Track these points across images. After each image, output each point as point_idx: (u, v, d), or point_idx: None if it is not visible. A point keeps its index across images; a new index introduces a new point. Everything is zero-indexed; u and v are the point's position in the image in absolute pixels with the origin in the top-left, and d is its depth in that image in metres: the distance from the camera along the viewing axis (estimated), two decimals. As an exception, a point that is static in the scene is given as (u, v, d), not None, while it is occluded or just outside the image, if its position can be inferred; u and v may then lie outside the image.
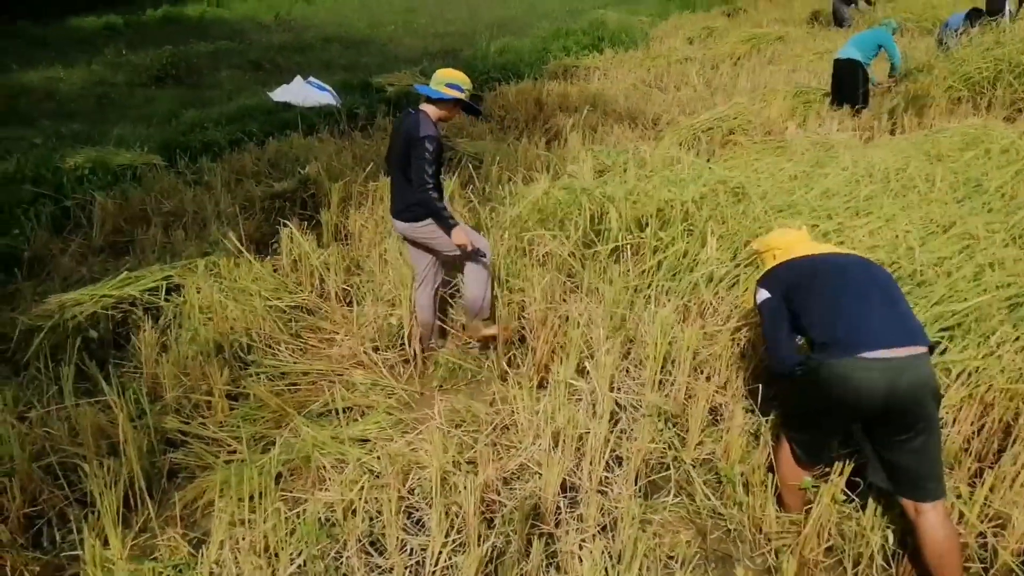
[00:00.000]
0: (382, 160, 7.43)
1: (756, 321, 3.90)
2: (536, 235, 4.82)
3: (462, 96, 4.12)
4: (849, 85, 8.45)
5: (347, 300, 5.02)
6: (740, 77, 10.59)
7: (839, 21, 14.38)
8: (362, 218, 5.89)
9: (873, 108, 8.47)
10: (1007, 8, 11.44)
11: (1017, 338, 3.41)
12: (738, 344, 3.83)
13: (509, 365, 4.24)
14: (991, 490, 2.98)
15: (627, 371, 3.90)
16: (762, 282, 3.11)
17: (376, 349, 4.44)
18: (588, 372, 3.70)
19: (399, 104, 9.68)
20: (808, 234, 3.40)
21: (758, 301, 3.05)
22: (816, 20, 15.05)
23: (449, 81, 4.08)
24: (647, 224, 4.62)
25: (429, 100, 4.14)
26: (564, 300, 4.44)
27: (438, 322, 4.50)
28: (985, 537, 2.92)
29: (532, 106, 9.54)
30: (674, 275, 4.37)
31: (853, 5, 14.41)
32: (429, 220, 4.12)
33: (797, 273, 3.01)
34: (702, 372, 3.85)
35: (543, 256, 4.74)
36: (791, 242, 3.27)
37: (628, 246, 4.58)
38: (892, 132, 7.85)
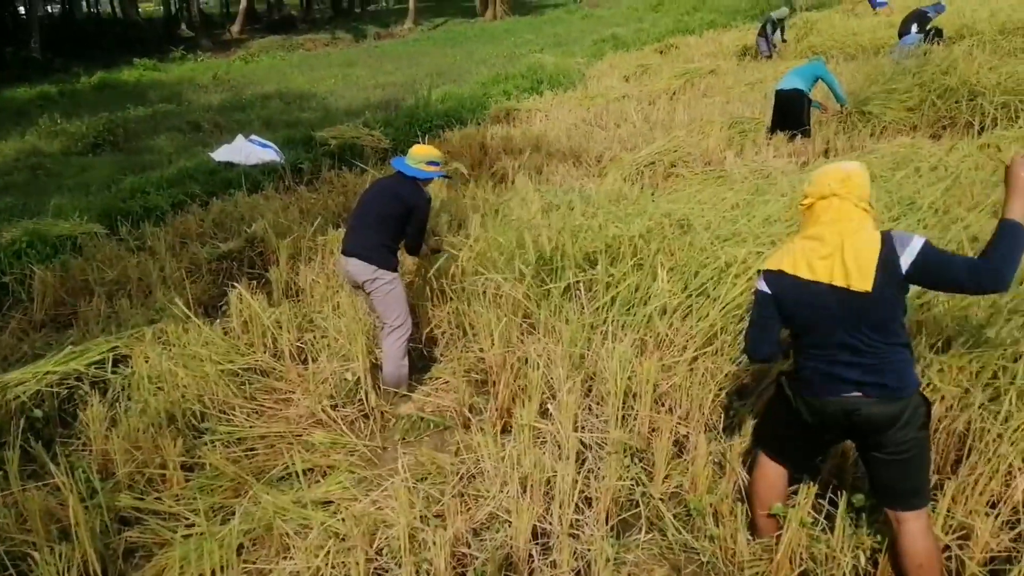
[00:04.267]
0: (330, 213, 7.45)
1: (711, 350, 3.96)
2: (488, 278, 4.81)
3: (439, 171, 4.60)
4: (793, 114, 8.70)
5: (302, 358, 4.94)
6: (677, 111, 10.85)
7: (763, 53, 14.93)
8: (312, 273, 5.82)
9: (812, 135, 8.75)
10: (913, 31, 12.04)
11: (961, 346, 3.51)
12: (696, 373, 3.85)
13: (471, 411, 4.20)
14: (952, 500, 3.03)
15: (590, 409, 3.89)
16: (766, 273, 2.88)
17: (335, 406, 4.36)
18: (551, 413, 3.68)
19: (343, 157, 9.69)
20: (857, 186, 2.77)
21: (756, 286, 2.93)
22: (745, 54, 15.59)
23: (429, 159, 4.53)
24: (597, 261, 4.66)
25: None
26: (522, 341, 4.43)
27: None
28: (950, 549, 2.95)
29: (477, 150, 9.62)
30: (628, 310, 4.39)
31: (772, 38, 14.98)
32: (387, 272, 4.36)
33: (794, 298, 2.80)
34: (663, 404, 3.87)
35: (497, 298, 4.73)
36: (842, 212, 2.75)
37: (581, 283, 4.61)
38: (825, 155, 8.11)
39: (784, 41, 15.20)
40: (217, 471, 3.76)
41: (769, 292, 2.84)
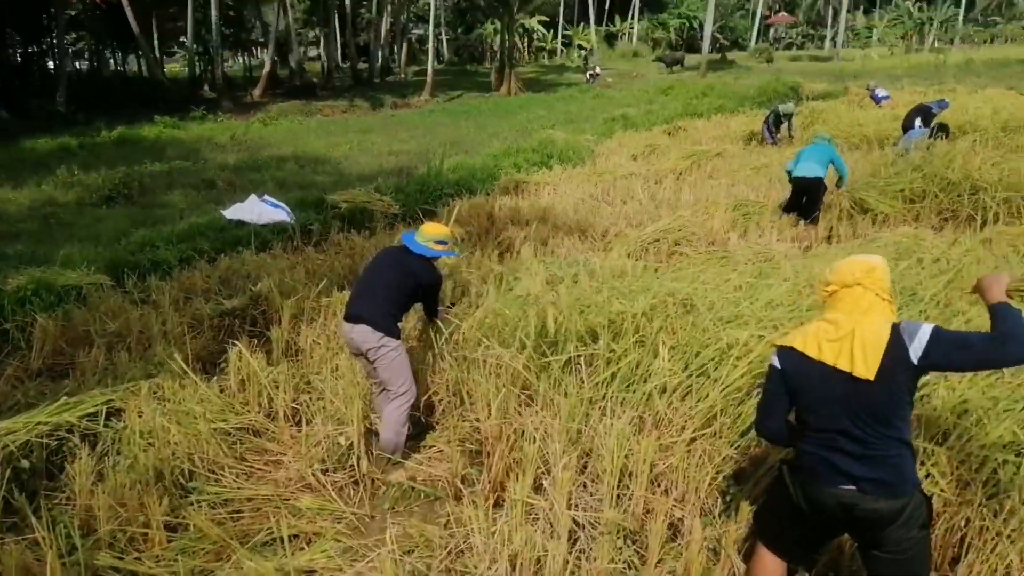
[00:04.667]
0: (336, 275, 7.50)
1: (710, 432, 3.91)
2: (488, 348, 4.80)
3: (447, 250, 4.68)
4: (812, 200, 8.85)
5: (296, 419, 4.89)
6: (683, 191, 11.03)
7: (767, 141, 15.25)
8: (314, 333, 5.82)
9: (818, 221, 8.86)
10: (917, 125, 12.32)
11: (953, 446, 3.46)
12: (694, 455, 3.80)
13: (463, 483, 4.13)
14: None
15: (584, 486, 3.83)
16: (779, 349, 2.91)
17: (325, 471, 4.30)
18: (545, 489, 3.62)
19: (353, 220, 9.81)
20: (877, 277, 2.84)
21: (769, 360, 2.95)
22: (752, 138, 15.92)
23: (437, 238, 4.62)
24: (599, 336, 4.66)
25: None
26: (519, 413, 4.39)
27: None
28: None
29: (485, 220, 9.75)
30: (628, 386, 4.37)
31: (779, 130, 15.33)
32: (392, 340, 4.37)
33: (801, 375, 2.83)
34: (659, 485, 3.80)
35: (496, 368, 4.72)
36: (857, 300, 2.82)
37: (582, 358, 4.59)
38: (828, 241, 8.18)
39: (791, 136, 15.49)
40: (201, 533, 3.69)
41: (779, 367, 2.88)
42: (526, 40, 50.49)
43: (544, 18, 50.04)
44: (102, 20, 31.49)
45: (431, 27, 34.74)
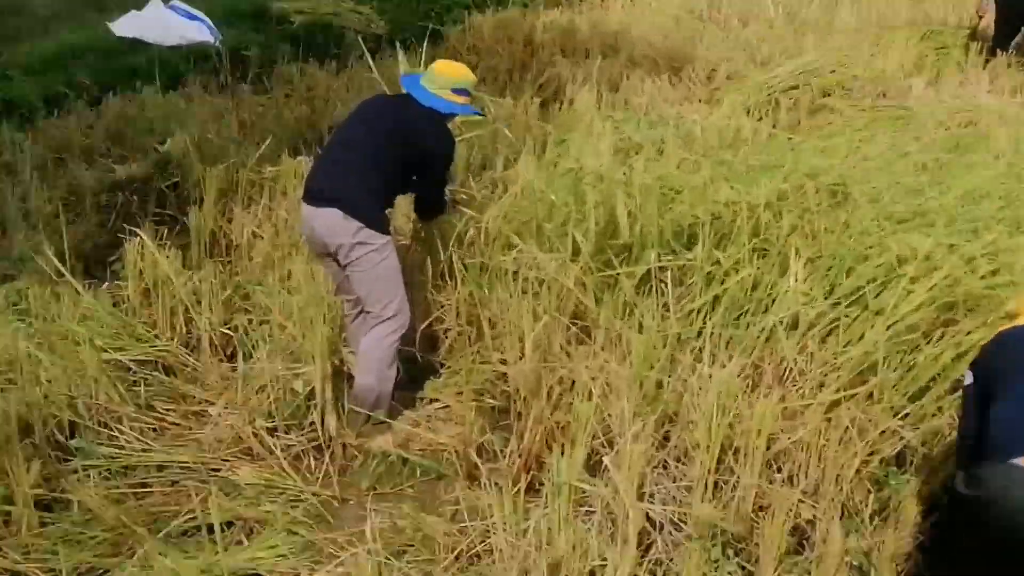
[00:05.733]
0: (288, 130, 7.53)
1: (862, 393, 3.99)
2: (523, 253, 4.87)
3: (467, 105, 4.75)
4: None
5: (228, 351, 5.06)
6: (839, 7, 10.78)
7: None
8: (253, 221, 5.94)
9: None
10: None
11: None
12: (836, 427, 3.88)
13: (480, 455, 4.27)
14: None
15: (664, 467, 3.94)
16: (976, 359, 3.27)
17: (273, 430, 4.46)
18: (605, 469, 3.73)
19: (314, 43, 9.77)
20: None
21: (964, 381, 3.28)
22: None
23: (458, 84, 4.65)
24: (696, 238, 4.70)
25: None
26: (568, 355, 4.47)
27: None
28: None
29: (519, 48, 9.64)
30: (738, 318, 4.44)
31: None
32: (377, 235, 4.43)
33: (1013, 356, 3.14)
34: (779, 470, 3.91)
35: (534, 285, 4.79)
36: None
37: (668, 272, 4.65)
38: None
39: None
40: (89, 514, 3.86)
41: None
42: None
43: None
44: None
45: None
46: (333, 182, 4.48)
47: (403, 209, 5.42)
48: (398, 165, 4.54)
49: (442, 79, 4.62)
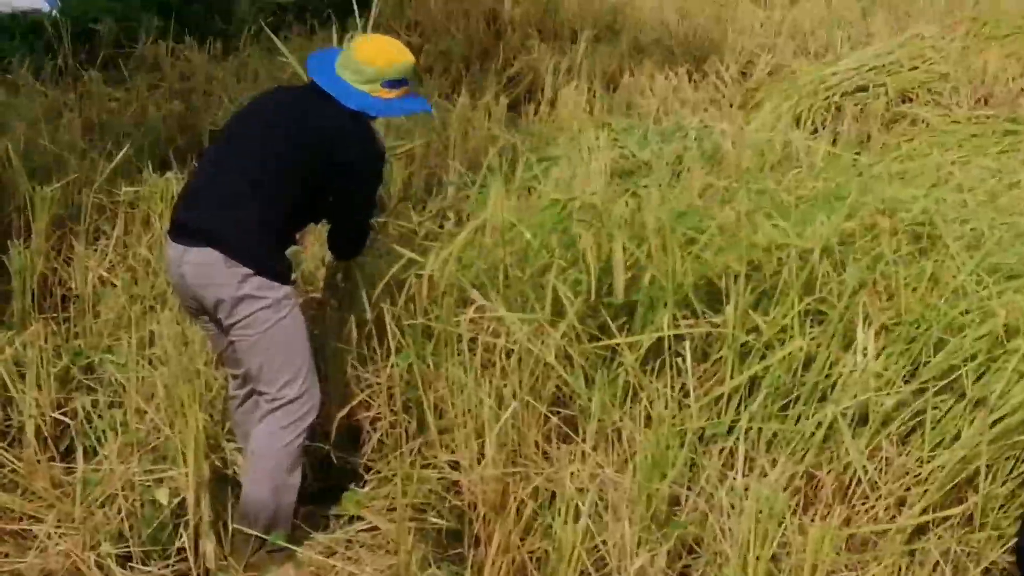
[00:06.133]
0: (152, 134, 7.51)
1: (958, 515, 3.99)
2: (484, 312, 4.86)
3: (408, 98, 4.75)
4: None
5: (63, 447, 5.01)
6: (924, -17, 10.93)
7: None
8: (102, 264, 5.92)
9: None
10: None
11: None
12: (923, 563, 3.89)
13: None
14: None
15: (682, 617, 3.94)
16: None
17: (127, 559, 4.41)
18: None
19: (189, 14, 9.79)
20: None
21: None
22: None
23: (389, 74, 4.57)
24: (727, 296, 4.70)
25: None
26: (546, 456, 4.47)
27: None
28: None
29: (481, 27, 9.69)
30: (785, 409, 4.44)
31: None
32: (269, 283, 4.37)
33: None
34: (843, 623, 3.91)
35: (500, 357, 4.79)
36: None
37: (685, 342, 4.64)
38: None
39: None
40: None
41: None
42: None
43: None
44: None
45: None
46: (209, 211, 4.42)
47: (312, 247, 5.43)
48: (305, 186, 4.48)
49: (368, 70, 4.54)
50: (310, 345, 4.55)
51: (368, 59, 4.53)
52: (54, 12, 9.54)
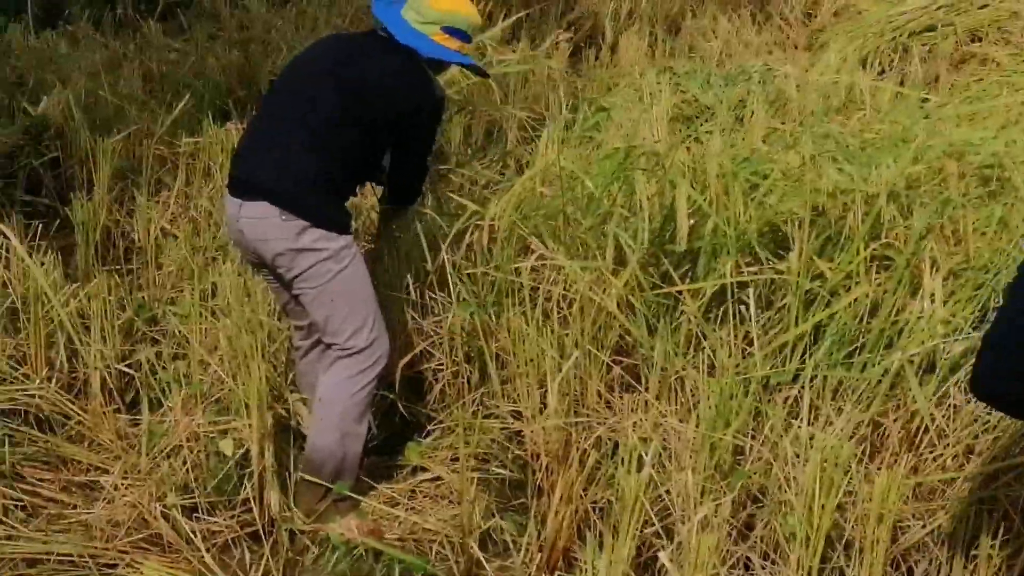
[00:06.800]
0: (213, 86, 7.52)
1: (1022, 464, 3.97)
2: (544, 261, 4.85)
3: (468, 48, 4.72)
4: None
5: (128, 399, 5.06)
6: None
7: None
8: (164, 215, 5.94)
9: None
10: None
11: None
12: (992, 511, 3.86)
13: (485, 548, 4.26)
14: None
15: (747, 567, 3.93)
16: None
17: (192, 510, 4.44)
18: (662, 569, 3.72)
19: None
20: None
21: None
22: None
23: (451, 21, 4.55)
24: (791, 242, 4.67)
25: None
26: (608, 405, 4.46)
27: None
28: None
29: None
30: (850, 356, 4.41)
31: None
32: (331, 235, 4.37)
33: None
34: (912, 571, 3.88)
35: (561, 306, 4.78)
36: None
37: (749, 289, 4.61)
38: None
39: None
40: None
41: None
42: None
43: None
44: None
45: None
46: (264, 165, 4.43)
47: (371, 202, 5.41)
48: (364, 134, 4.49)
49: (431, 11, 4.51)
50: (375, 294, 4.55)
51: (435, 2, 4.52)
52: (114, -38, 9.56)
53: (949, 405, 4.16)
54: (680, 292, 4.64)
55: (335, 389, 4.48)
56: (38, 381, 4.99)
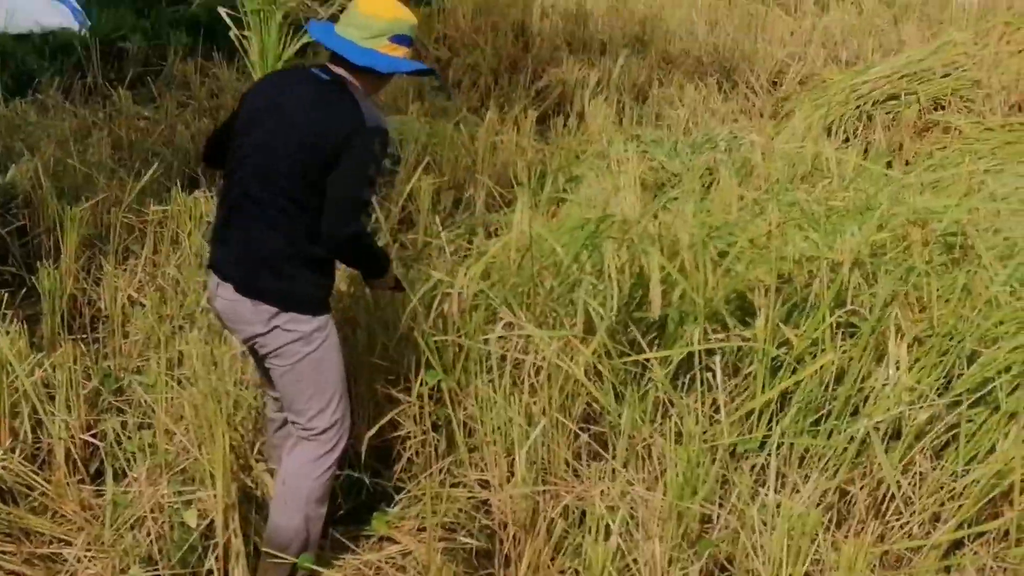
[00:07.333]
0: (181, 152, 7.53)
1: (996, 530, 3.95)
2: (513, 328, 4.85)
3: (411, 52, 4.45)
4: None
5: (92, 469, 5.02)
6: (956, -17, 10.89)
7: None
8: (131, 283, 5.93)
9: None
10: None
11: None
12: (958, 581, 3.87)
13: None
14: None
15: (712, 636, 3.92)
16: None
17: (155, 582, 4.41)
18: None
19: (216, 31, 9.82)
20: None
21: None
22: None
23: (397, 29, 4.30)
24: (757, 310, 4.69)
25: (347, 64, 4.33)
26: (575, 474, 4.46)
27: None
28: None
29: (509, 40, 9.68)
30: (816, 423, 4.42)
31: None
32: (304, 318, 4.30)
33: None
34: (879, 642, 3.88)
35: (530, 374, 4.78)
36: None
37: (716, 356, 4.63)
38: None
39: None
40: None
41: None
42: None
43: None
44: None
45: None
46: (230, 251, 4.40)
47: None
48: (315, 190, 4.22)
49: (376, 24, 4.27)
50: (343, 374, 4.51)
51: (375, 13, 4.29)
52: (83, 30, 9.60)
53: (915, 472, 4.19)
54: (648, 360, 4.66)
55: (297, 473, 4.46)
56: (1, 452, 4.94)
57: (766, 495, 4.09)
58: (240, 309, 4.31)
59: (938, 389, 4.38)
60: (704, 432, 4.34)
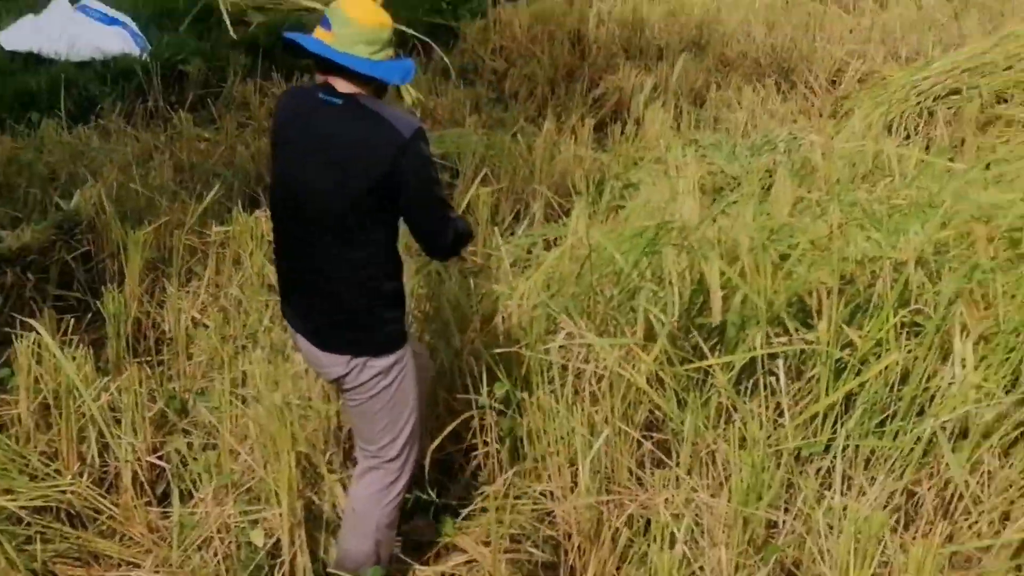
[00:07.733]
0: (243, 173, 7.58)
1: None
2: (573, 338, 4.84)
3: (391, 57, 4.18)
4: None
5: (159, 491, 5.06)
6: (1019, -21, 10.79)
7: None
8: (194, 305, 5.98)
9: None
10: None
11: None
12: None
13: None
14: None
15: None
16: None
17: (223, 602, 4.43)
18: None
19: (276, 53, 9.87)
20: None
21: None
22: None
23: (387, 31, 4.06)
24: (820, 312, 4.66)
25: (349, 75, 4.10)
26: (640, 483, 4.44)
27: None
28: None
29: (565, 49, 9.68)
30: (882, 424, 4.39)
31: None
32: (380, 359, 4.25)
33: None
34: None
35: (591, 383, 4.77)
36: None
37: (778, 360, 4.60)
38: None
39: None
40: None
41: None
42: None
43: None
44: None
45: None
46: (298, 305, 4.37)
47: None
48: (374, 221, 4.10)
49: (383, 33, 4.04)
50: (416, 401, 4.47)
51: (378, 23, 4.02)
52: (144, 55, 9.67)
53: (983, 471, 4.14)
54: (710, 366, 4.64)
55: (367, 501, 4.47)
56: (69, 477, 4.97)
57: (832, 498, 4.06)
58: (318, 356, 4.32)
59: (1005, 386, 4.34)
60: (768, 437, 4.31)
